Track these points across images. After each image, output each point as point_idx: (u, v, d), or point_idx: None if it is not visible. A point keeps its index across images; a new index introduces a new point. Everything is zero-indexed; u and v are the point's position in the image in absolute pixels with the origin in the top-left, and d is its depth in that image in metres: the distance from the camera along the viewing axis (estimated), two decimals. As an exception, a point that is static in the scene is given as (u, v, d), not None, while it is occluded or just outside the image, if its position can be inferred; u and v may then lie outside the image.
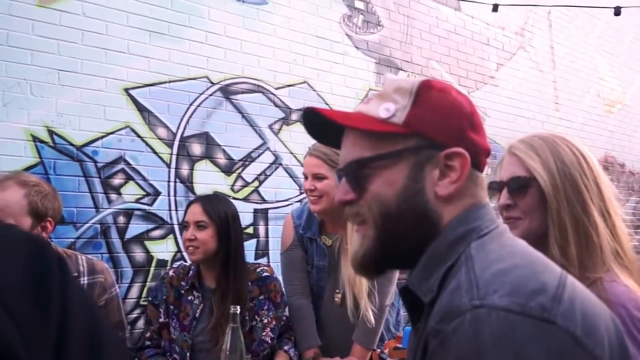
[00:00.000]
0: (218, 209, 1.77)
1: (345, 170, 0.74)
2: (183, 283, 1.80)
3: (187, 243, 1.74)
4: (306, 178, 1.93)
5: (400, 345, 1.65)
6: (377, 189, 0.70)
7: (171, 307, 1.78)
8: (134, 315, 2.63)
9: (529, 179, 0.98)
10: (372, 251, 0.71)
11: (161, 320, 1.78)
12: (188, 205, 1.82)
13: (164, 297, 1.79)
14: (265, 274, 1.84)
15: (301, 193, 3.30)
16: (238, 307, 1.43)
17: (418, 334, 0.68)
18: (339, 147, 0.80)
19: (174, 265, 1.94)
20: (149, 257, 2.69)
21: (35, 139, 2.41)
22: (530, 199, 0.98)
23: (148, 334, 1.79)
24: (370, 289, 1.89)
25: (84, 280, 1.68)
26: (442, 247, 0.67)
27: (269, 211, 3.16)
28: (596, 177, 0.97)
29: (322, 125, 0.75)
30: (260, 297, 1.80)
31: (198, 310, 1.75)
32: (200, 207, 1.75)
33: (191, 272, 1.81)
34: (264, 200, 3.14)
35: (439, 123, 0.69)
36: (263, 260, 3.04)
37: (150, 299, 1.84)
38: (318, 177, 1.88)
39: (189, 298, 1.78)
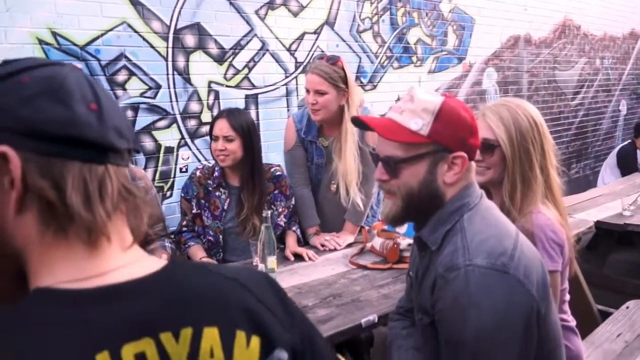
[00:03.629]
0: (241, 122, 2.09)
1: (383, 160, 1.10)
2: (210, 182, 2.20)
3: (217, 152, 2.09)
4: (308, 92, 2.23)
5: (386, 228, 2.16)
6: (405, 178, 1.07)
7: (202, 201, 2.20)
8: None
9: (495, 145, 1.37)
10: (398, 215, 1.12)
11: (194, 211, 2.21)
12: (214, 120, 2.12)
13: (195, 193, 2.20)
14: (277, 173, 2.26)
15: (286, 77, 3.55)
16: (269, 212, 1.87)
17: (425, 260, 1.13)
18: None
19: (197, 167, 2.30)
20: (157, 145, 3.01)
21: (40, 41, 2.51)
22: (494, 157, 1.37)
23: (184, 222, 2.24)
24: (358, 181, 2.35)
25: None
26: (444, 214, 1.08)
27: (259, 96, 3.43)
28: (542, 139, 1.37)
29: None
30: (275, 192, 2.24)
31: (226, 204, 2.19)
32: (227, 123, 2.07)
33: (216, 172, 2.19)
34: (253, 86, 3.39)
35: (451, 135, 1.04)
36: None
37: (183, 194, 2.24)
38: (319, 93, 2.19)
39: (217, 194, 2.19)
